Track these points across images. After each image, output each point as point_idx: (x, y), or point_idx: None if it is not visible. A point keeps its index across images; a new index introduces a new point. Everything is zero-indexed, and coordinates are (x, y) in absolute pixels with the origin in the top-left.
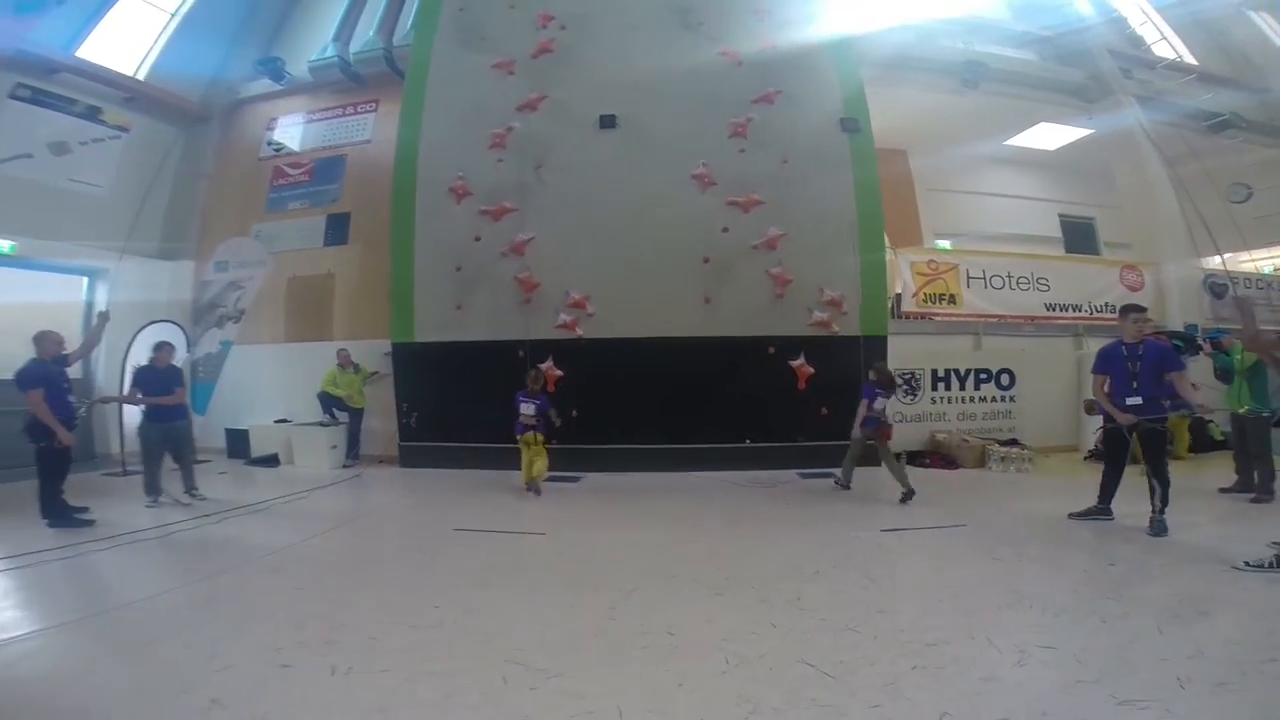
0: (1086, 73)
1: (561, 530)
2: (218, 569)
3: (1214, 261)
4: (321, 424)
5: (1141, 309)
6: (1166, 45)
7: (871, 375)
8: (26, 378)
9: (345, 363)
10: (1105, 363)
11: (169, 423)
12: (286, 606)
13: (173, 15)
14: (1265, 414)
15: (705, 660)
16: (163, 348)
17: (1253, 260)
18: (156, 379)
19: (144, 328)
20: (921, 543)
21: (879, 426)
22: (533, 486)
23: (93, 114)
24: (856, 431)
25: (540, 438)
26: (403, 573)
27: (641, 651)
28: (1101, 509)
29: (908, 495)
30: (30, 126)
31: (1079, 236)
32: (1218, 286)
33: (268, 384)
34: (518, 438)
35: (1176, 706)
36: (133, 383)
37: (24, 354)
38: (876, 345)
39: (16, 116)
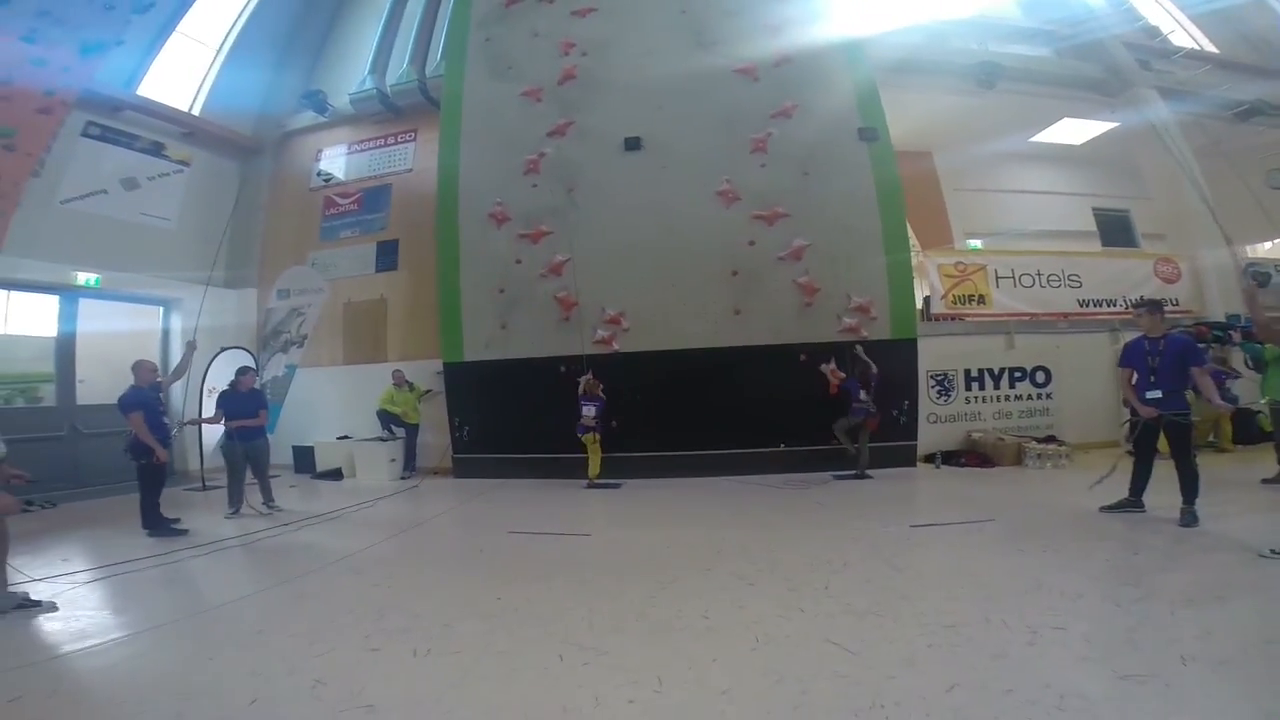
0: (1103, 66)
1: (605, 531)
2: (304, 570)
3: (1261, 249)
4: (381, 439)
5: (1157, 303)
6: (1184, 34)
7: (855, 373)
8: (128, 402)
9: (400, 382)
10: (1129, 357)
11: (251, 441)
12: (367, 601)
13: (217, 51)
14: None
15: (737, 640)
16: (246, 372)
17: None
18: (241, 401)
19: (218, 354)
20: (948, 537)
21: (867, 416)
22: (592, 484)
23: (156, 149)
24: (843, 423)
25: (599, 438)
26: (466, 570)
27: (679, 633)
28: (1133, 502)
29: (860, 474)
30: (101, 163)
31: (1115, 229)
32: (1260, 274)
33: (329, 403)
34: (580, 437)
35: (1176, 681)
36: (217, 405)
37: (113, 379)
38: (907, 348)
39: (89, 154)
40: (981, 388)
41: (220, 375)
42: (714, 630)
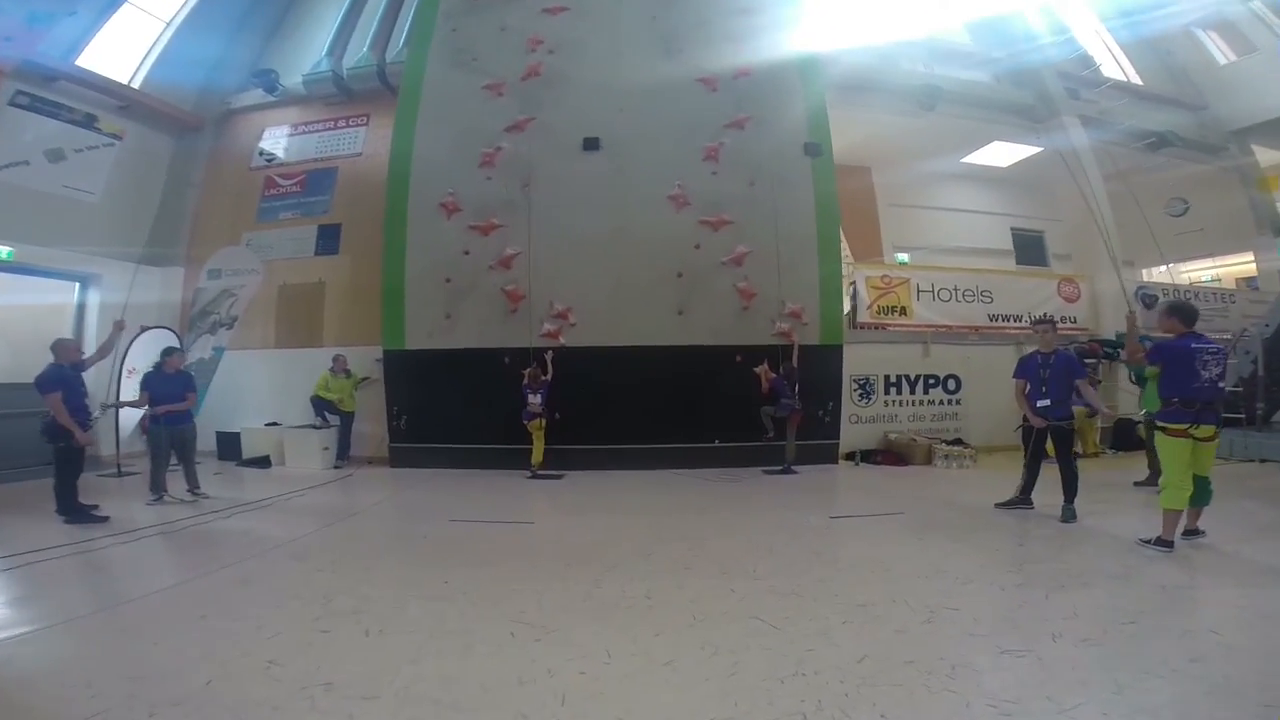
0: (1035, 93)
1: (549, 519)
2: (241, 556)
3: (1156, 272)
4: (314, 426)
5: (1051, 321)
6: (1114, 65)
7: (781, 371)
8: (46, 381)
9: (340, 369)
10: (1023, 369)
11: (178, 425)
12: (312, 585)
13: (167, 24)
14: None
15: (676, 617)
16: (173, 353)
17: (1186, 272)
18: (167, 383)
19: (139, 334)
20: (863, 527)
21: (792, 411)
22: (535, 473)
23: (89, 121)
24: (770, 410)
25: (544, 423)
26: (412, 555)
27: (623, 612)
28: (1023, 500)
29: (787, 469)
30: (27, 133)
31: (1029, 248)
32: (1148, 297)
33: (259, 388)
34: (525, 424)
35: (1046, 655)
36: (142, 387)
37: (17, 357)
38: (834, 353)
39: (14, 123)
40: (899, 392)
41: (142, 356)
42: (655, 609)
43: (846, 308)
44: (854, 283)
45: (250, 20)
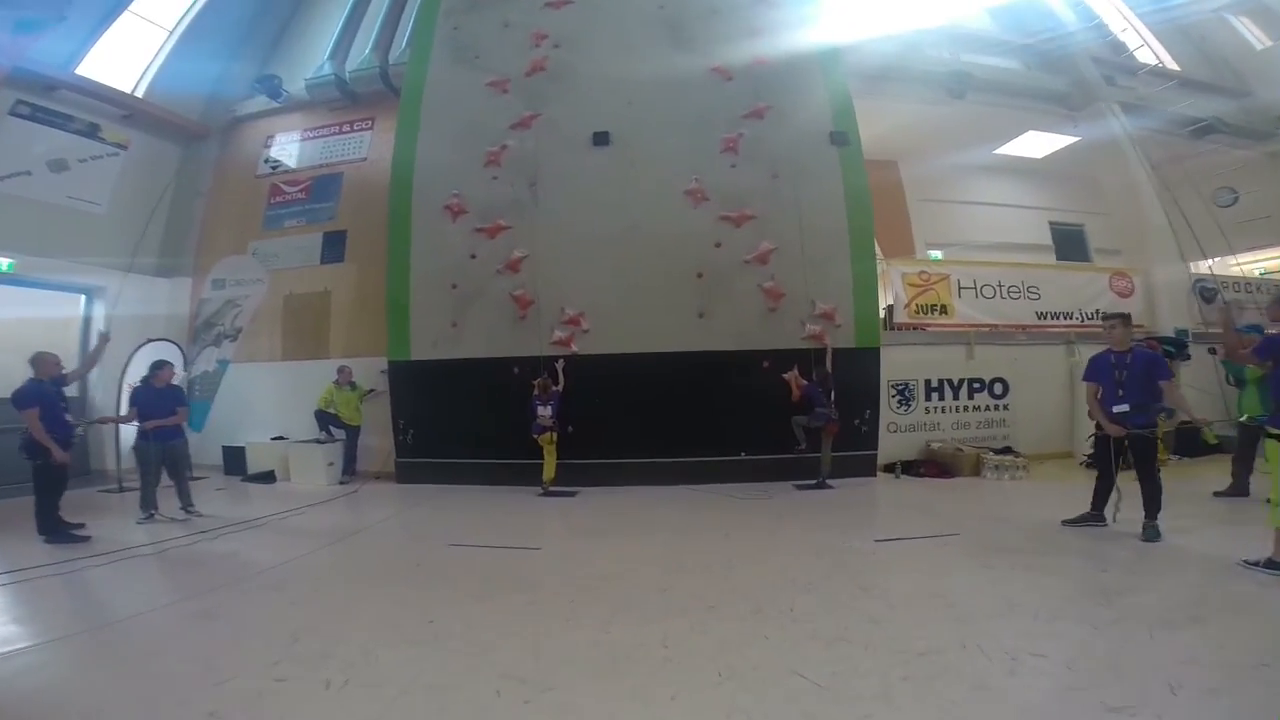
0: (1070, 80)
1: (557, 545)
2: (214, 584)
3: (1203, 266)
4: (318, 441)
5: (1124, 316)
6: (1148, 51)
7: (815, 378)
8: (22, 397)
9: (344, 380)
10: (1094, 371)
11: (167, 441)
12: (283, 621)
13: (170, 32)
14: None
15: (698, 672)
16: (163, 366)
17: (1239, 264)
18: (157, 398)
19: (141, 346)
20: (914, 552)
21: (828, 422)
22: (547, 490)
23: (92, 131)
24: (803, 419)
25: (555, 438)
26: (398, 588)
27: (635, 665)
28: (1095, 515)
29: (821, 483)
30: (29, 144)
31: (1070, 244)
32: (1207, 291)
33: (264, 402)
34: (535, 438)
35: (1168, 713)
36: (130, 402)
37: (22, 371)
38: (870, 357)
39: (16, 133)
40: (941, 398)
41: (145, 370)
42: (674, 660)
43: (885, 304)
44: (890, 281)
45: (254, 28)
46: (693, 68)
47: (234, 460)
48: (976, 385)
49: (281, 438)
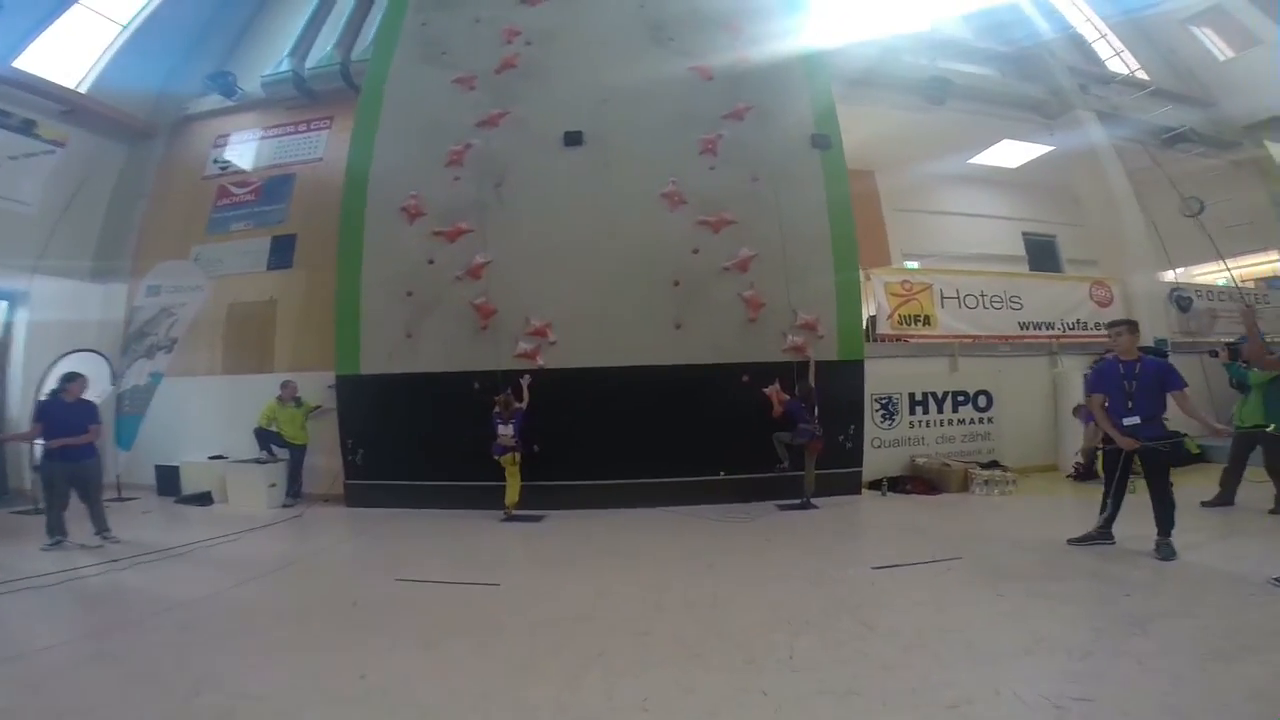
0: (1046, 88)
1: (518, 578)
2: (114, 623)
3: (1178, 274)
4: (259, 461)
5: (1130, 323)
6: (1120, 61)
7: (797, 392)
8: None
9: (288, 396)
10: (1100, 380)
11: (76, 461)
12: (187, 669)
13: (124, 27)
14: None
15: None
16: (74, 380)
17: (1206, 273)
18: (65, 413)
19: (63, 356)
20: (917, 581)
21: (812, 439)
22: (510, 515)
23: (26, 128)
24: (785, 436)
25: (518, 458)
26: (329, 632)
27: None
28: (1103, 534)
29: (806, 503)
30: None
31: (1042, 254)
32: (1183, 300)
33: (202, 418)
34: (496, 459)
35: None
36: (35, 417)
37: None
38: (854, 370)
39: None
40: (925, 411)
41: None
42: None
43: (867, 314)
44: (872, 291)
45: (215, 25)
46: (671, 66)
47: (168, 480)
48: (960, 398)
49: (220, 457)
